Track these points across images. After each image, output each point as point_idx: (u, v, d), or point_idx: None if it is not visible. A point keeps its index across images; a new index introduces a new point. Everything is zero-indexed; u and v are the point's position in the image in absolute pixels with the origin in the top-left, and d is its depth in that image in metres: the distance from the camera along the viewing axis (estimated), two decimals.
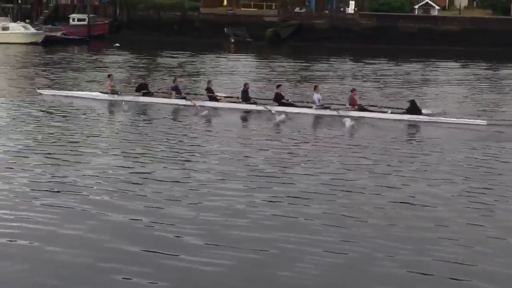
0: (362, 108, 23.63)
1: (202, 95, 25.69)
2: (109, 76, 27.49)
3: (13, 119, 21.60)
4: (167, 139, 18.81)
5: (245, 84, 25.22)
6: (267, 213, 12.26)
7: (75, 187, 13.62)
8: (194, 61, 45.03)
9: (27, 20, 61.98)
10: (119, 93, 25.96)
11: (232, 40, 61.06)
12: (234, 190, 13.57)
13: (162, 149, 17.38)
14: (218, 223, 11.65)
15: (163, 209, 12.35)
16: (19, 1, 66.96)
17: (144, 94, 25.51)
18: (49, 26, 61.47)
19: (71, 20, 62.52)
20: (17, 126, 20.26)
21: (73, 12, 64.52)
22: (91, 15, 63.01)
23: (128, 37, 61.52)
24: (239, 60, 47.07)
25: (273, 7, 64.44)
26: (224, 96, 25.40)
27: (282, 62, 45.86)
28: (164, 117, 22.56)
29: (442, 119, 22.71)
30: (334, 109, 23.50)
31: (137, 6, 66.37)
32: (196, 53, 49.95)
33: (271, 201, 12.92)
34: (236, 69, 40.32)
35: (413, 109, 23.05)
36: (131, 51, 51.44)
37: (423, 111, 23.36)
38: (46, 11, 67.12)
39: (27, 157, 15.98)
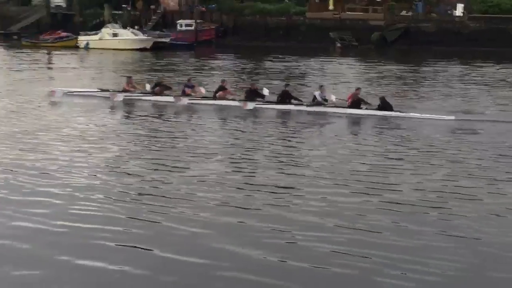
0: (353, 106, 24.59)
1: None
2: (129, 77, 28.89)
3: (120, 123, 22.95)
4: (264, 142, 19.16)
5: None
6: (377, 220, 12.30)
7: (182, 194, 13.79)
8: (299, 66, 45.98)
9: (136, 27, 64.55)
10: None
11: (338, 45, 61.69)
12: (341, 195, 13.73)
13: (259, 153, 17.64)
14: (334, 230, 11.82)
15: (273, 214, 12.48)
16: (129, 8, 69.78)
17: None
18: (157, 32, 63.98)
19: (178, 26, 64.78)
20: (123, 129, 21.30)
21: (180, 18, 66.72)
22: (198, 21, 65.02)
23: (234, 43, 63.34)
24: (345, 64, 47.71)
25: (379, 11, 64.59)
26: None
27: (389, 65, 46.17)
28: (243, 119, 23.21)
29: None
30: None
31: (243, 11, 68.10)
32: (301, 58, 50.91)
33: (380, 208, 12.97)
34: (342, 73, 41.00)
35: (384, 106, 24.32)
36: (237, 57, 52.92)
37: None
38: (154, 17, 69.66)
39: (129, 162, 16.50)
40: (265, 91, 26.35)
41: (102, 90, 28.17)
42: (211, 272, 9.98)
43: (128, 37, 59.28)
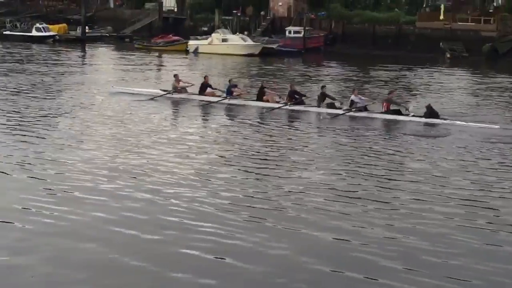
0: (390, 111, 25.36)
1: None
2: (175, 76, 30.42)
3: (216, 127, 23.73)
4: (362, 152, 19.45)
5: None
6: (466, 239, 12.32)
7: (280, 204, 14.01)
8: (407, 75, 46.06)
9: (246, 32, 65.91)
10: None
11: (448, 55, 61.12)
12: (436, 212, 13.76)
13: (357, 164, 17.87)
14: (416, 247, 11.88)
15: (363, 229, 12.66)
16: (239, 14, 71.36)
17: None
18: (266, 38, 65.17)
19: (287, 33, 65.77)
20: (220, 134, 22.04)
21: (289, 25, 67.71)
22: (307, 28, 65.80)
23: (343, 51, 63.84)
24: (454, 75, 47.40)
25: (492, 22, 63.59)
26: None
27: (499, 78, 45.56)
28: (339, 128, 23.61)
29: None
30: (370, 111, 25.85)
31: (353, 19, 68.51)
32: (409, 67, 50.90)
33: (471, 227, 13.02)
34: (450, 84, 40.86)
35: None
36: (345, 64, 53.37)
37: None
38: (263, 23, 70.97)
39: (218, 169, 16.90)
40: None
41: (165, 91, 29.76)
42: None
43: (237, 42, 60.56)
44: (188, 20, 75.71)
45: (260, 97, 27.96)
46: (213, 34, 62.91)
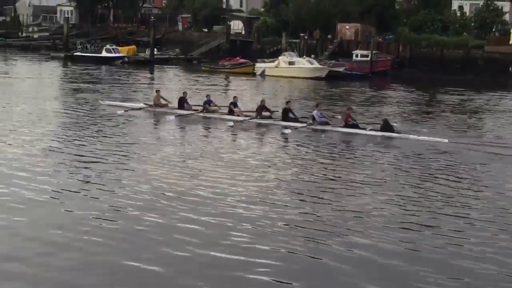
0: (348, 125, 27.65)
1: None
2: (156, 91, 33.68)
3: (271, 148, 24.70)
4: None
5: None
6: None
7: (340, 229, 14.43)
8: (475, 99, 46.26)
9: (312, 56, 66.76)
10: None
11: None
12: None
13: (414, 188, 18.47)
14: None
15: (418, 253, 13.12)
16: (306, 37, 72.39)
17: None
18: (333, 61, 65.89)
19: (354, 56, 66.42)
20: (276, 156, 22.70)
21: (356, 48, 68.36)
22: (374, 52, 66.34)
23: (410, 75, 64.18)
24: None
25: None
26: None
27: None
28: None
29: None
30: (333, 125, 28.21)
31: (420, 43, 68.86)
32: (477, 92, 51.01)
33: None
34: None
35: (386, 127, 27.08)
36: (412, 88, 53.70)
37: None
38: (330, 47, 71.82)
39: (276, 192, 17.41)
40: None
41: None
42: None
43: (304, 65, 61.33)
44: (255, 43, 77.09)
45: (230, 111, 30.64)
46: (280, 57, 63.81)
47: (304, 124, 28.34)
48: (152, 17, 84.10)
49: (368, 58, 65.74)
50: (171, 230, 13.92)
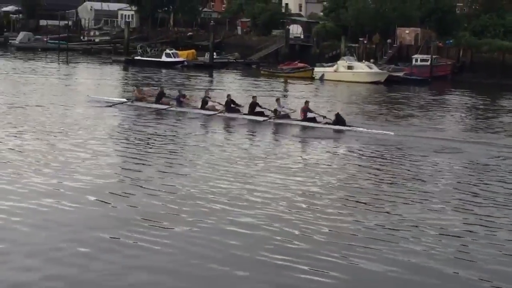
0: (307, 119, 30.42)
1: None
2: (137, 87, 37.86)
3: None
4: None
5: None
6: None
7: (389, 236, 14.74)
8: None
9: (372, 60, 67.03)
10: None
11: None
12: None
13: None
14: None
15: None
16: (365, 41, 72.69)
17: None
18: (392, 66, 66.07)
19: (414, 61, 66.37)
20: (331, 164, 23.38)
21: (416, 53, 68.36)
22: (434, 56, 66.27)
23: (471, 79, 63.96)
24: None
25: None
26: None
27: None
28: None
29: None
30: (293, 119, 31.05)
31: (481, 48, 68.52)
32: None
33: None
34: None
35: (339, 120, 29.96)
36: (472, 93, 53.71)
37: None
38: (390, 51, 71.98)
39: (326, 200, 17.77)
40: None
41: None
42: None
43: (363, 70, 61.64)
44: (314, 47, 77.63)
45: (203, 105, 33.52)
46: (339, 61, 64.17)
47: (266, 118, 31.16)
48: (211, 22, 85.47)
49: (428, 63, 65.63)
50: (217, 233, 14.36)
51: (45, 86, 45.21)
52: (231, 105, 32.72)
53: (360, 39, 72.87)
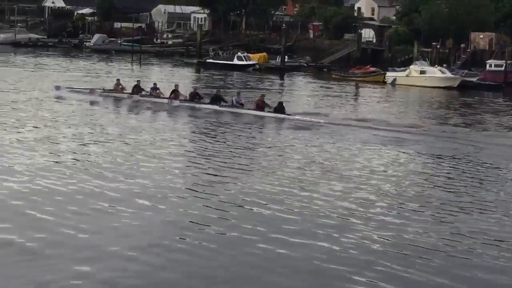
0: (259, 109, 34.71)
1: None
2: (117, 80, 40.69)
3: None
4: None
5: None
6: None
7: None
8: None
9: (444, 65, 66.73)
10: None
11: None
12: None
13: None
14: None
15: None
16: (438, 46, 72.43)
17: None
18: (465, 71, 65.68)
19: (487, 66, 65.70)
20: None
21: (490, 58, 67.74)
22: (509, 61, 65.48)
23: None
24: None
25: None
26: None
27: None
28: None
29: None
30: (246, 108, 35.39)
31: None
32: None
33: None
34: None
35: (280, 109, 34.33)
36: None
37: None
38: (463, 56, 71.64)
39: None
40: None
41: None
42: None
43: (435, 75, 61.46)
44: (387, 52, 77.73)
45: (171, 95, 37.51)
46: (411, 66, 64.03)
47: (216, 107, 35.60)
48: (283, 25, 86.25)
49: (502, 68, 64.88)
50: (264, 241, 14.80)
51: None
52: (196, 96, 37.07)
53: (433, 43, 72.64)
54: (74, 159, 21.81)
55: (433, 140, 29.36)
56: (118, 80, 40.87)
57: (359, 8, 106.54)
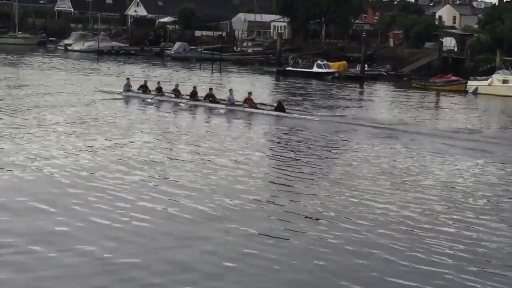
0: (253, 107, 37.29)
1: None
2: (127, 79, 44.57)
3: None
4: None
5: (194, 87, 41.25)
6: None
7: None
8: None
9: None
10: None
11: None
12: None
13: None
14: None
15: None
16: None
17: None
18: None
19: None
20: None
21: None
22: None
23: None
24: None
25: None
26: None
27: None
28: None
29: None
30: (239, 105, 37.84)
31: None
32: None
33: None
34: None
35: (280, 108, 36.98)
36: None
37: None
38: None
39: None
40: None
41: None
42: None
43: None
44: (468, 60, 76.90)
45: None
46: (493, 75, 63.43)
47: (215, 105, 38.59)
48: (363, 33, 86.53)
49: None
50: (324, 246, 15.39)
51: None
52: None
53: None
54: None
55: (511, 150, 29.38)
56: (128, 79, 44.67)
57: (440, 17, 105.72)
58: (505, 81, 61.38)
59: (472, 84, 63.37)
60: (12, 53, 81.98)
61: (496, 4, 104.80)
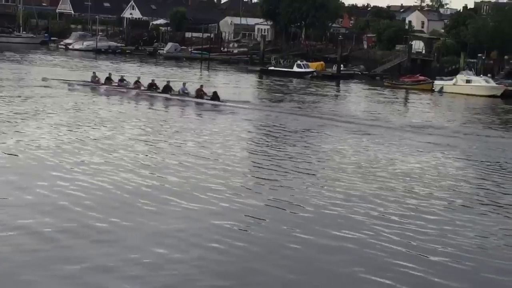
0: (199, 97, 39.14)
1: None
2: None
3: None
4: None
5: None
6: None
7: None
8: None
9: (489, 75, 66.06)
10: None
11: None
12: None
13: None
14: None
15: None
16: (483, 57, 71.71)
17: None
18: (509, 80, 64.87)
19: None
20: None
21: None
22: None
23: None
24: None
25: None
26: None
27: None
28: None
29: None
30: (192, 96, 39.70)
31: None
32: None
33: None
34: None
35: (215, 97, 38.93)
36: None
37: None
38: (507, 67, 70.80)
39: None
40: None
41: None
42: None
43: (480, 84, 61.06)
44: (435, 62, 77.16)
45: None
46: (458, 75, 63.64)
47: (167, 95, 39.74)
48: (339, 36, 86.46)
49: None
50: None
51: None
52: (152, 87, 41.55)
53: (478, 55, 71.93)
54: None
55: (472, 143, 29.59)
56: (94, 72, 45.67)
57: (410, 22, 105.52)
58: (468, 81, 61.59)
59: (438, 83, 63.58)
60: (17, 51, 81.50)
61: (461, 11, 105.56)
